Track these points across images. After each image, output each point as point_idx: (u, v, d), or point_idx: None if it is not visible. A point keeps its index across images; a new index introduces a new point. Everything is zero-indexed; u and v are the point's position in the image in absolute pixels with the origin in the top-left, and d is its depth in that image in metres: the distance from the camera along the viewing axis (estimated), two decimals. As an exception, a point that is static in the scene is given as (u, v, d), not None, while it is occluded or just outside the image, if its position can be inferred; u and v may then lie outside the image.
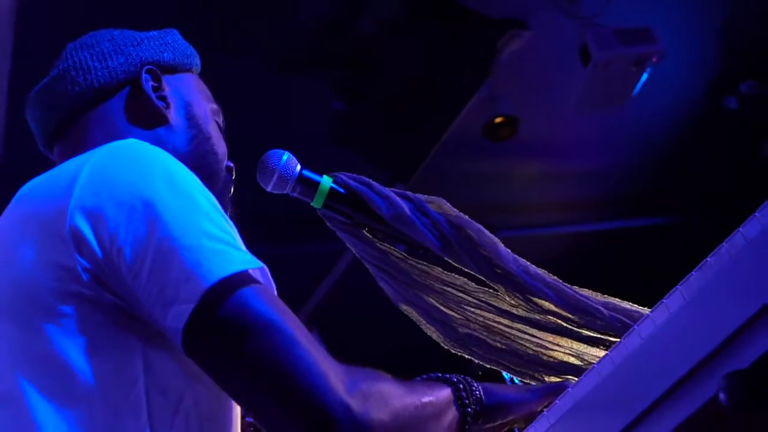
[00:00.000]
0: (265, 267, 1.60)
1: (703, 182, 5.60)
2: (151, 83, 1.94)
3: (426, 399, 1.66)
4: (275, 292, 1.61)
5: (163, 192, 1.57)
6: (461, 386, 1.78)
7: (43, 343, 1.56)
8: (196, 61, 2.05)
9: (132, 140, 1.71)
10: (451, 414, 1.74)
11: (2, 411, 1.56)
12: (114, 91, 1.93)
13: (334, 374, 1.51)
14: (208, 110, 2.00)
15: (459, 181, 5.33)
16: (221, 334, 1.50)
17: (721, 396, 1.42)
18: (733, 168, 5.44)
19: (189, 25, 2.15)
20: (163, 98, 1.94)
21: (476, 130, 5.11)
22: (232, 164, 2.04)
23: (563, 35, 4.77)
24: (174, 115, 1.94)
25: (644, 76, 4.83)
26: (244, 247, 1.59)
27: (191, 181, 1.63)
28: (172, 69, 1.98)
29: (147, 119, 1.92)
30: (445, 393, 1.74)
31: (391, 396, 1.58)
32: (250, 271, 1.55)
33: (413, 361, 5.22)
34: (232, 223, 1.63)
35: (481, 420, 1.81)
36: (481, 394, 1.80)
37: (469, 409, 1.77)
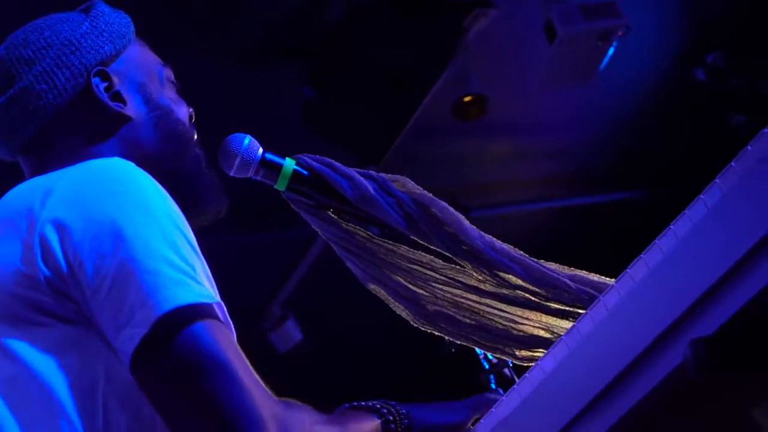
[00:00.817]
0: (222, 304, 1.59)
1: (673, 155, 5.61)
2: (102, 86, 1.90)
3: None
4: (232, 328, 1.60)
5: (133, 214, 1.58)
6: (390, 418, 1.80)
7: (6, 349, 1.57)
8: (131, 29, 1.98)
9: (114, 160, 1.71)
10: None
11: None
12: (68, 107, 1.88)
13: (271, 419, 1.50)
14: (159, 78, 1.96)
15: (430, 162, 5.33)
16: (168, 365, 1.51)
17: (688, 363, 1.42)
18: (702, 140, 5.45)
19: (153, 20, 2.12)
20: (117, 95, 1.90)
21: (446, 111, 5.10)
22: (191, 109, 2.00)
23: (528, 12, 4.77)
24: (133, 108, 1.91)
25: (611, 51, 4.83)
26: (206, 282, 1.59)
27: (163, 206, 1.62)
28: (116, 56, 1.93)
29: (109, 125, 1.89)
30: (373, 426, 1.77)
31: None
32: (209, 305, 1.55)
33: (389, 342, 5.23)
34: (200, 256, 1.62)
35: None
36: (410, 422, 1.83)
37: None
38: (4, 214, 1.68)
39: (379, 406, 1.80)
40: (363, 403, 1.81)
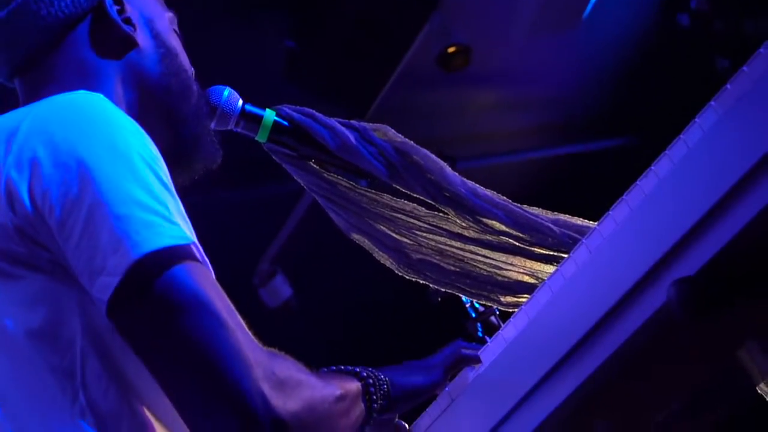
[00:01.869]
0: (198, 244, 1.54)
1: (659, 101, 5.60)
2: (115, 7, 1.83)
3: (339, 393, 1.65)
4: (209, 268, 1.55)
5: (101, 154, 1.52)
6: (370, 381, 1.79)
7: None
8: None
9: (81, 93, 1.64)
10: (359, 410, 1.75)
11: None
12: (79, 20, 1.82)
13: (256, 363, 1.47)
14: (167, 21, 1.92)
15: (416, 114, 5.31)
16: (146, 310, 1.46)
17: (671, 303, 1.43)
18: (688, 85, 5.43)
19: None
20: (128, 20, 1.84)
21: (430, 62, 5.08)
22: (193, 69, 1.96)
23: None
24: (141, 37, 1.85)
25: (594, -2, 4.82)
26: (181, 220, 1.53)
27: (134, 142, 1.56)
28: None
29: (116, 47, 1.82)
30: (355, 388, 1.74)
31: (308, 388, 1.55)
32: (183, 246, 1.50)
33: (377, 295, 5.24)
34: (173, 195, 1.56)
35: (386, 412, 1.83)
36: (389, 387, 1.82)
37: (376, 405, 1.79)
38: None
39: (358, 370, 1.79)
40: (343, 368, 1.81)
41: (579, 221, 1.99)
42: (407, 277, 2.07)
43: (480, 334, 2.12)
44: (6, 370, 1.53)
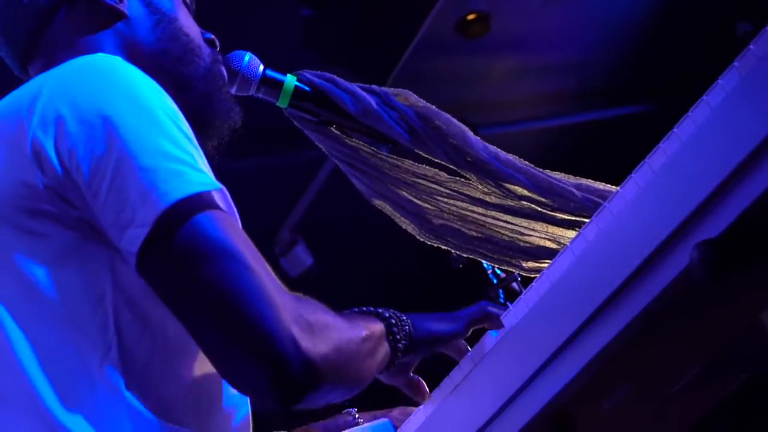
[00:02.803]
0: (225, 189, 1.56)
1: (680, 66, 5.57)
2: None
3: (365, 333, 1.66)
4: (236, 215, 1.57)
5: (124, 109, 1.54)
6: (393, 321, 1.79)
7: (12, 261, 1.55)
8: None
9: (99, 55, 1.67)
10: (384, 350, 1.76)
11: None
12: (62, 2, 1.84)
13: (284, 307, 1.48)
14: None
15: (435, 81, 5.31)
16: (174, 258, 1.48)
17: (694, 266, 1.42)
18: (708, 51, 5.40)
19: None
20: None
21: (449, 29, 5.07)
22: (212, 35, 1.97)
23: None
24: (131, 7, 1.86)
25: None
26: (205, 168, 1.56)
27: (155, 97, 1.58)
28: None
29: (104, 21, 1.84)
30: (379, 329, 1.75)
31: (336, 330, 1.57)
32: (210, 193, 1.52)
33: (398, 262, 5.25)
34: (195, 143, 1.59)
35: (409, 354, 1.83)
36: (411, 329, 1.82)
37: (400, 345, 1.79)
38: None
39: (381, 311, 1.80)
40: (365, 309, 1.81)
41: (601, 185, 1.99)
42: (429, 243, 2.07)
43: (502, 300, 2.12)
44: (36, 326, 1.54)
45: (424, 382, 1.99)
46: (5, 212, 1.56)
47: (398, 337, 1.78)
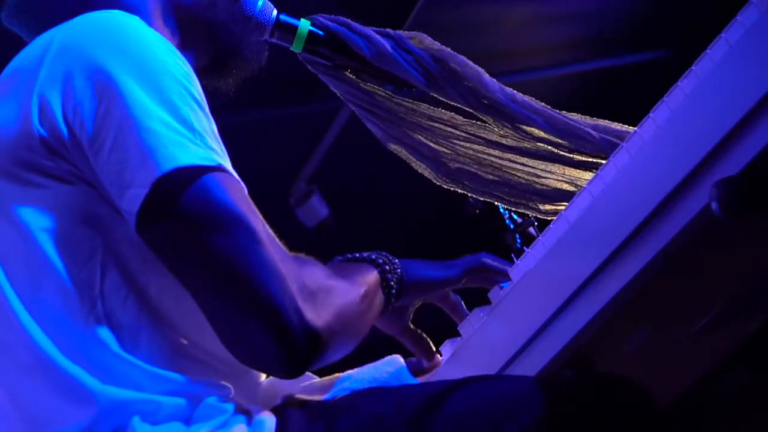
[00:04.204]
0: (229, 168, 1.52)
1: (695, 12, 5.53)
2: None
3: (363, 290, 1.66)
4: (242, 186, 1.54)
5: (133, 71, 1.51)
6: (386, 267, 1.79)
7: (8, 213, 1.55)
8: None
9: (114, 12, 1.63)
10: (379, 299, 1.76)
11: None
12: None
13: (288, 276, 1.46)
14: None
15: (450, 30, 5.26)
16: (175, 223, 1.46)
17: (713, 205, 1.41)
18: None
19: None
20: None
21: (464, -24, 5.04)
22: None
23: None
24: None
25: None
26: (213, 141, 1.53)
27: (169, 62, 1.56)
28: None
29: None
30: (373, 277, 1.75)
31: (337, 295, 1.56)
32: (213, 166, 1.49)
33: (414, 211, 5.24)
34: (206, 111, 1.56)
35: (401, 298, 1.84)
36: (402, 272, 1.82)
37: (393, 291, 1.80)
38: (8, 73, 1.63)
39: (374, 256, 1.79)
40: (357, 255, 1.81)
41: (618, 126, 1.97)
42: (445, 188, 2.06)
43: (519, 245, 2.11)
44: (29, 278, 1.54)
45: (424, 334, 1.99)
46: (4, 164, 1.56)
47: (392, 283, 1.79)
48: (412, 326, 1.98)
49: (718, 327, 1.78)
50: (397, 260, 1.82)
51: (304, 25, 2.00)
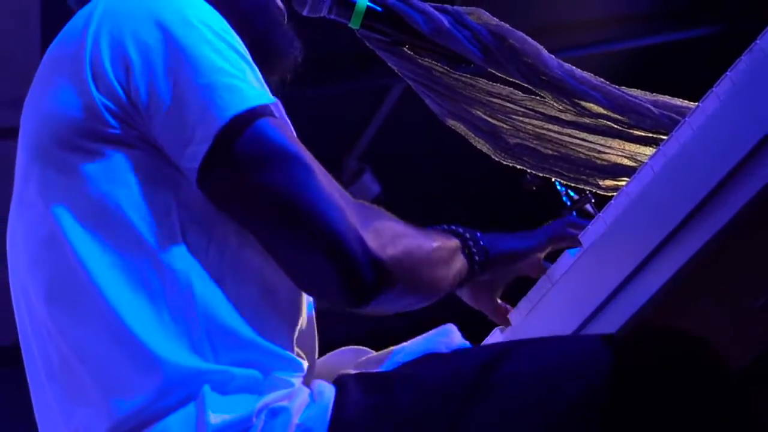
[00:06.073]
0: (279, 103, 1.58)
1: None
2: None
3: (436, 244, 1.66)
4: (291, 128, 1.59)
5: (179, 29, 1.55)
6: (467, 235, 1.79)
7: (76, 182, 1.56)
8: None
9: None
10: (460, 262, 1.75)
11: (47, 254, 1.57)
12: None
13: (350, 209, 1.50)
14: None
15: (503, 4, 5.24)
16: (237, 167, 1.51)
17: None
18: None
19: None
20: None
21: (516, -50, 5.01)
22: None
23: None
24: None
25: None
26: (258, 84, 1.57)
27: (210, 18, 1.59)
28: None
29: None
30: (453, 242, 1.75)
31: (405, 236, 1.58)
32: (266, 105, 1.54)
33: (466, 189, 5.23)
34: (249, 60, 1.60)
35: (487, 270, 1.82)
36: (487, 244, 1.81)
37: (477, 258, 1.79)
38: (55, 49, 1.65)
39: (456, 227, 1.80)
40: (439, 227, 1.81)
41: (678, 101, 1.96)
42: (504, 163, 2.06)
43: (576, 222, 2.10)
44: (97, 239, 1.54)
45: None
46: (66, 134, 1.57)
47: (474, 250, 1.78)
48: (501, 303, 1.97)
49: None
50: (480, 233, 1.82)
51: (362, 0, 2.00)
